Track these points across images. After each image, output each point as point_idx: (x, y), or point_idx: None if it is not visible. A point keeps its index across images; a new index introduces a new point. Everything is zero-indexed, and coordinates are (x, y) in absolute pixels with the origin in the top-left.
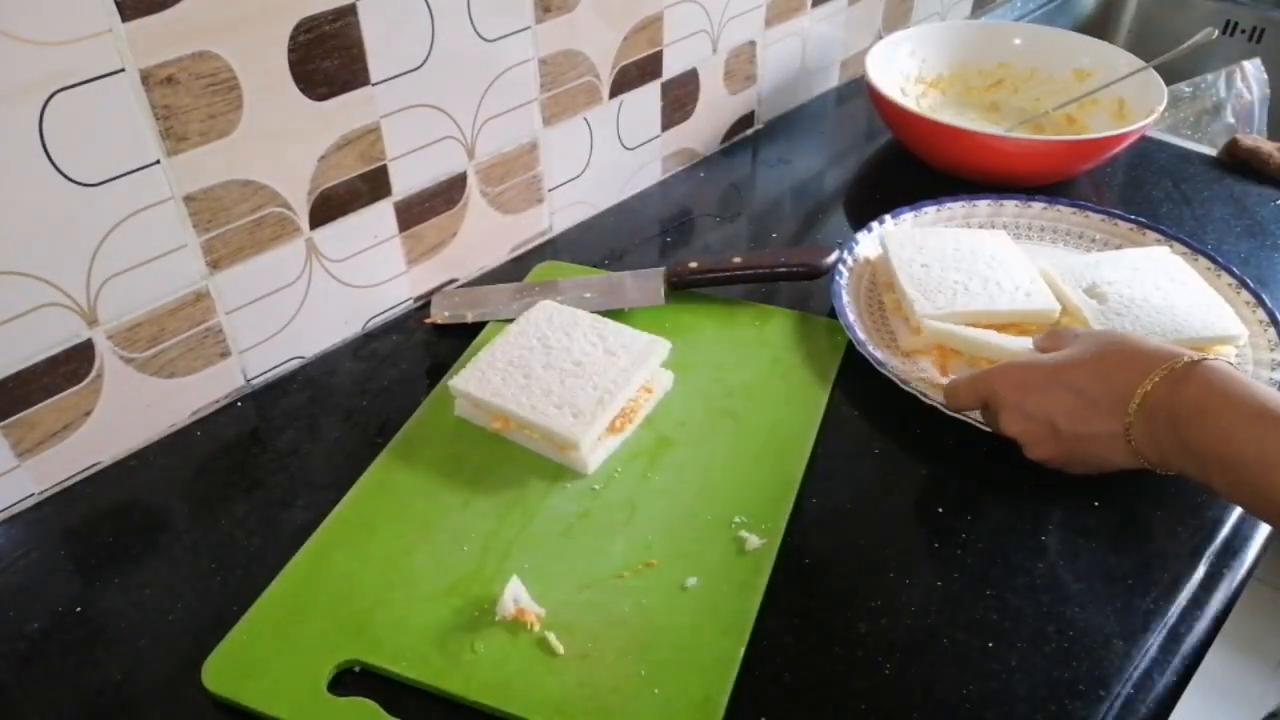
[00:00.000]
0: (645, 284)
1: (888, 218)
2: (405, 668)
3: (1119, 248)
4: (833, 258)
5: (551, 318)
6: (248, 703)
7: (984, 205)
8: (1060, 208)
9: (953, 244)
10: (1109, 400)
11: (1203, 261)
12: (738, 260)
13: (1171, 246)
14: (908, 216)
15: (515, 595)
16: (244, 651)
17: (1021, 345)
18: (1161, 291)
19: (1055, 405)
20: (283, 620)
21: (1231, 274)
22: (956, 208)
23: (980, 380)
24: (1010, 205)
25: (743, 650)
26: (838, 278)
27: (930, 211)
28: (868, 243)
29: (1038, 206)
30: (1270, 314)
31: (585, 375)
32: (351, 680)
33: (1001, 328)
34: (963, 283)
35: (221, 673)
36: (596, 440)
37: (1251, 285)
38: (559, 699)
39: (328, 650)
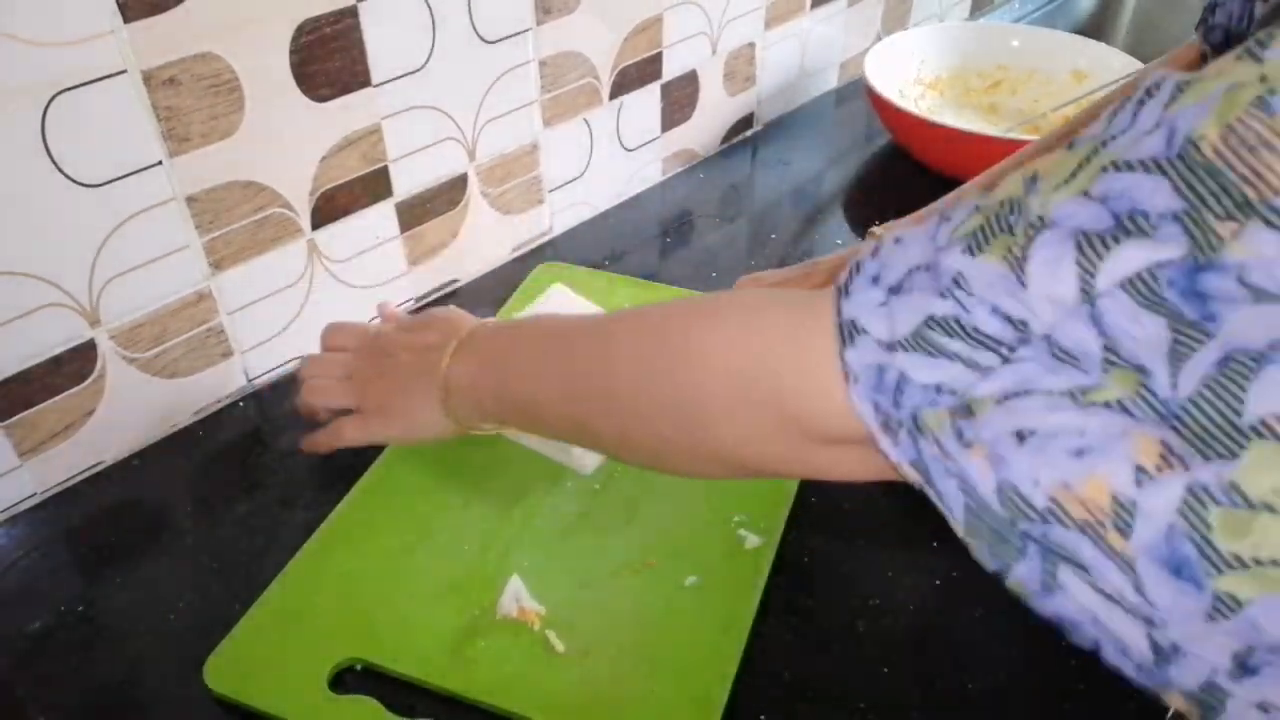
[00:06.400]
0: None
1: None
2: (406, 666)
3: None
4: None
5: (562, 308)
6: (250, 701)
7: None
8: None
9: None
10: (438, 339)
11: None
12: None
13: None
14: None
15: (516, 594)
16: (246, 650)
17: None
18: None
19: (404, 342)
20: (284, 619)
21: None
22: None
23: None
24: None
25: (742, 648)
26: None
27: None
28: None
29: None
30: None
31: None
32: (353, 679)
33: None
34: None
35: (223, 672)
36: None
37: None
38: (560, 697)
39: (329, 649)
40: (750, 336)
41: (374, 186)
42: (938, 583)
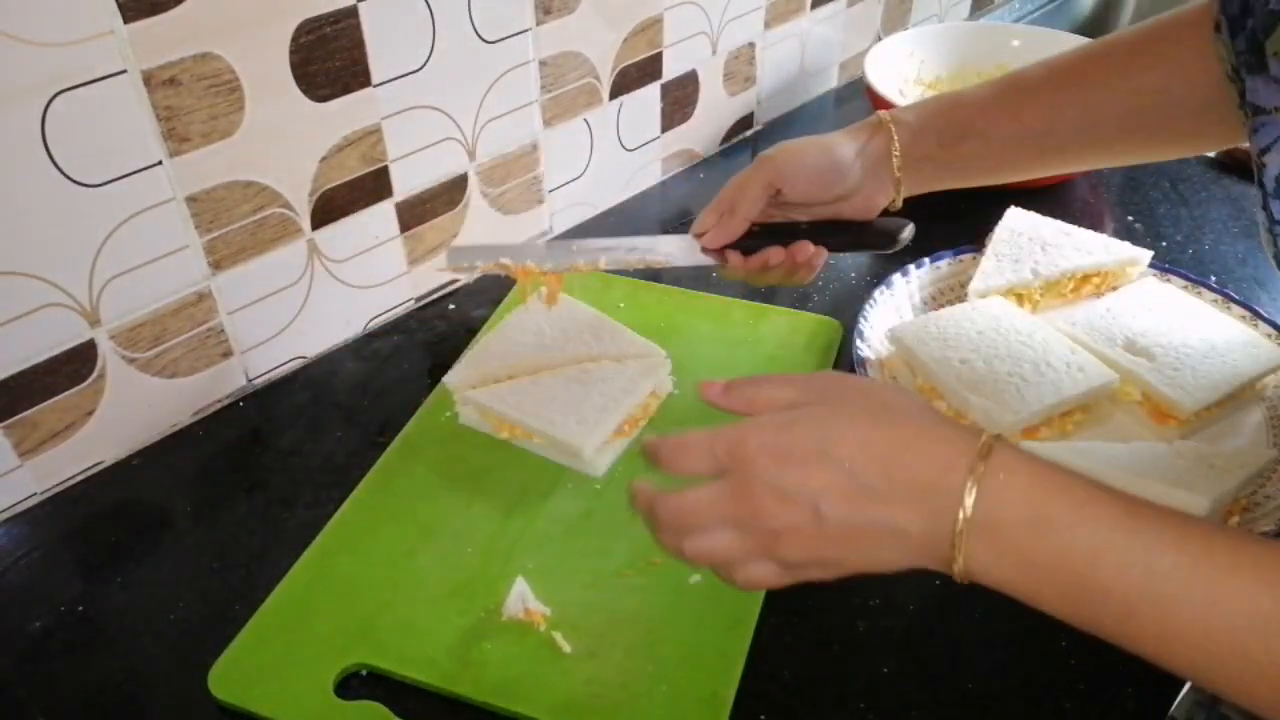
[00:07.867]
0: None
1: (887, 288)
2: (413, 671)
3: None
4: (908, 232)
5: (549, 310)
6: (255, 709)
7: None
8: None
9: (970, 325)
10: (886, 485)
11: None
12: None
13: (1171, 280)
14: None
15: (523, 596)
16: (250, 658)
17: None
18: (1187, 330)
19: (824, 483)
20: (287, 626)
21: (1232, 299)
22: (943, 265)
23: (723, 439)
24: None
25: (748, 646)
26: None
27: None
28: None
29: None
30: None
31: (590, 382)
32: (358, 684)
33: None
34: (1017, 374)
35: (228, 679)
36: (605, 444)
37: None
38: (568, 698)
39: (334, 655)
40: None
41: (374, 186)
42: (938, 583)
